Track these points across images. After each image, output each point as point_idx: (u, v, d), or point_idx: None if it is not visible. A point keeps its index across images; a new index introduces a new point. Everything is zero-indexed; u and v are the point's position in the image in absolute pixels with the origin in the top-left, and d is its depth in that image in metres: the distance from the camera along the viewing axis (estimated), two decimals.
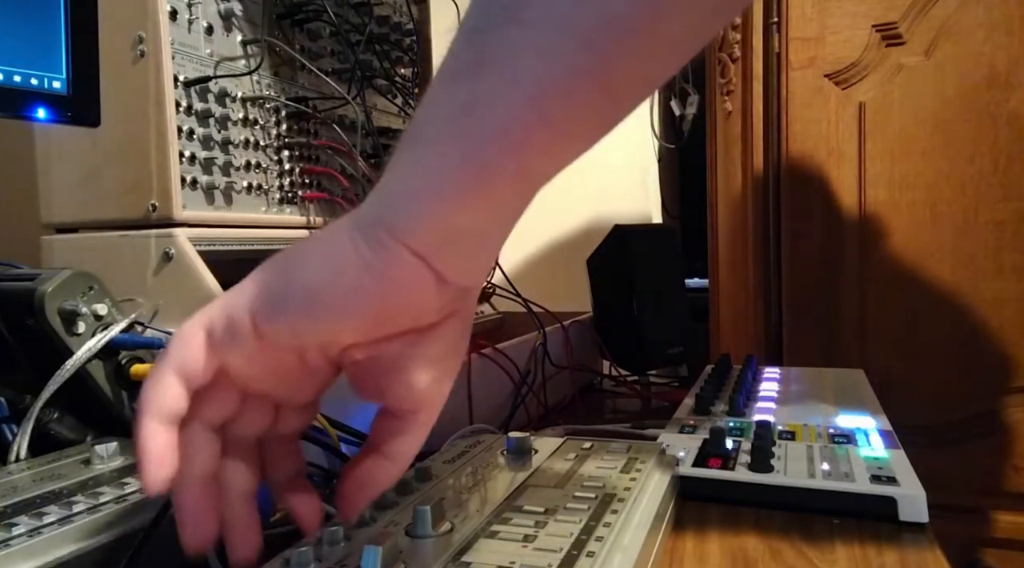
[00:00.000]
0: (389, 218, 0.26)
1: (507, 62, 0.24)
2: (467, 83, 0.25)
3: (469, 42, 0.25)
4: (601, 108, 0.25)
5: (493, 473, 0.43)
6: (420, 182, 0.26)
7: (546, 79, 0.24)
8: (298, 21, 0.79)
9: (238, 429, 0.31)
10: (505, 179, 0.26)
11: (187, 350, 0.28)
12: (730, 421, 0.57)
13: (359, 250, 0.26)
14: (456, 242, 0.26)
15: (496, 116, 0.25)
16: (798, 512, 0.44)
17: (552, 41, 0.23)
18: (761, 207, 1.04)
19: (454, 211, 0.26)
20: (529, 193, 0.27)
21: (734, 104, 1.06)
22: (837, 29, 0.98)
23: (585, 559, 0.30)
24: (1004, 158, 0.92)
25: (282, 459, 0.33)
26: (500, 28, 0.24)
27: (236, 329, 0.28)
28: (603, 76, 0.24)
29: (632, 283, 0.90)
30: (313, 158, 0.82)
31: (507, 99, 0.24)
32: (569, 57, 0.24)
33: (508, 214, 0.28)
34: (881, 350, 0.99)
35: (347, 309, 0.27)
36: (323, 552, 0.32)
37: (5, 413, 0.49)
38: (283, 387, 0.30)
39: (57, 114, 0.53)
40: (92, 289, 0.51)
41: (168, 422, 0.28)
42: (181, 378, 0.28)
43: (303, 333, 0.28)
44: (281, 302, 0.27)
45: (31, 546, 0.32)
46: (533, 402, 0.73)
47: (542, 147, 0.25)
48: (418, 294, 0.27)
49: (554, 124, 0.25)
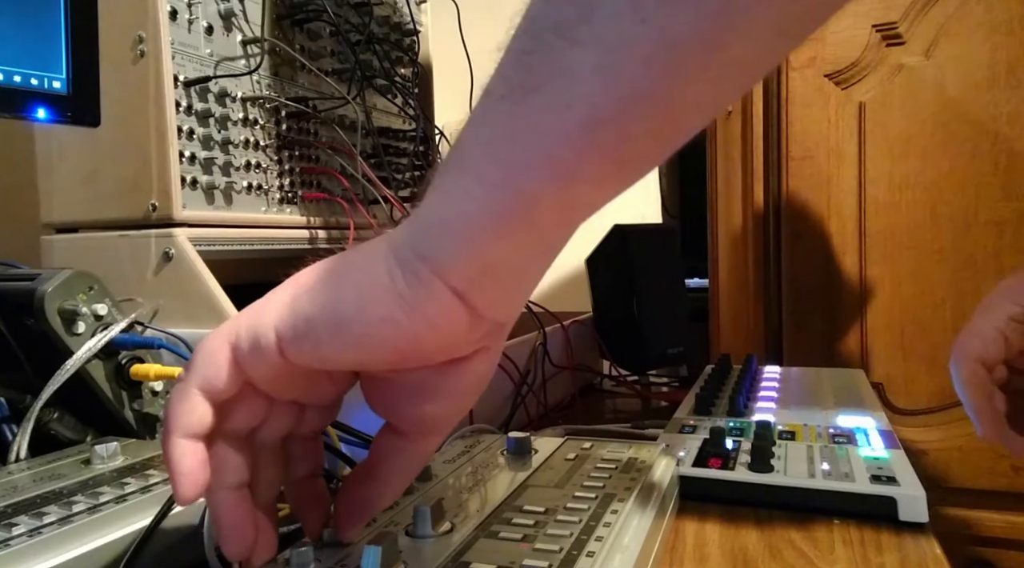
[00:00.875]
0: (427, 250, 0.25)
1: (560, 84, 0.22)
2: (516, 105, 0.23)
3: (519, 62, 0.24)
4: (659, 135, 0.23)
5: (493, 473, 0.43)
6: (461, 210, 0.25)
7: (602, 103, 0.22)
8: (298, 21, 0.79)
9: (265, 434, 0.30)
10: (550, 208, 0.24)
11: (212, 367, 0.27)
12: (730, 421, 0.57)
13: (395, 282, 0.25)
14: (495, 275, 0.25)
15: (545, 141, 0.23)
16: (798, 512, 0.44)
17: (611, 63, 0.22)
18: (761, 207, 1.04)
19: (494, 242, 0.25)
20: (573, 225, 0.26)
21: (734, 104, 1.06)
22: (837, 29, 0.98)
23: (585, 559, 0.30)
24: (1004, 158, 0.92)
25: (302, 458, 0.33)
26: (553, 48, 0.22)
27: (261, 348, 0.27)
28: (664, 101, 0.22)
29: (632, 283, 0.90)
30: (313, 158, 0.82)
31: (558, 123, 0.23)
32: (629, 80, 0.22)
33: (550, 246, 0.26)
34: (881, 350, 0.99)
35: (375, 342, 0.26)
36: (323, 552, 0.32)
37: (5, 413, 0.49)
38: (307, 393, 0.30)
39: (57, 114, 0.53)
40: (92, 289, 0.51)
41: (196, 438, 0.28)
42: (206, 394, 0.28)
43: (328, 361, 0.27)
44: (308, 327, 0.26)
45: (31, 546, 0.32)
46: (533, 402, 0.73)
47: (592, 176, 0.24)
48: (450, 331, 0.26)
49: (607, 152, 0.23)
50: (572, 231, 0.27)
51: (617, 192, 0.25)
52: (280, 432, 0.31)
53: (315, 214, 0.81)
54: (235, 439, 0.29)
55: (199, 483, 0.27)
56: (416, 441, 0.31)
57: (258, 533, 0.30)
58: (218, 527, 0.29)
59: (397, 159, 0.95)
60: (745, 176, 1.05)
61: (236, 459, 0.29)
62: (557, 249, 0.27)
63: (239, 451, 0.29)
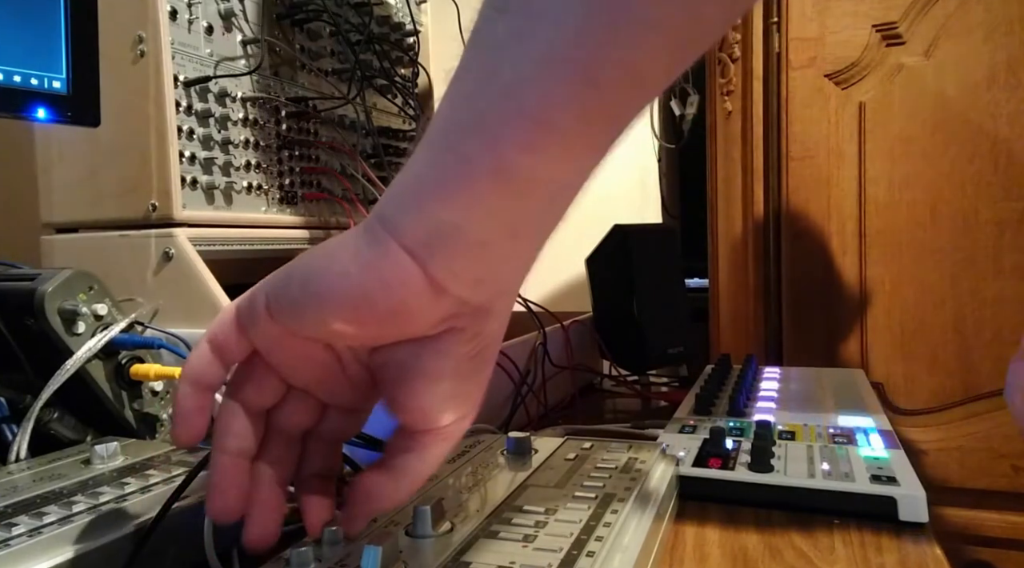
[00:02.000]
0: (385, 212, 0.27)
1: (490, 55, 0.24)
2: (459, 80, 0.26)
3: (469, 43, 0.26)
4: (583, 100, 0.24)
5: (493, 473, 0.43)
6: (413, 173, 0.27)
7: (522, 67, 0.23)
8: (298, 21, 0.79)
9: (281, 419, 0.32)
10: (485, 174, 0.25)
11: (219, 323, 0.31)
12: (730, 421, 0.57)
13: (357, 242, 0.27)
14: (447, 242, 0.26)
15: (475, 108, 0.25)
16: (798, 512, 0.44)
17: (528, 27, 0.23)
18: (761, 207, 1.04)
19: (440, 205, 0.25)
20: (527, 199, 0.26)
21: (734, 104, 1.06)
22: (837, 29, 0.98)
23: (585, 559, 0.30)
24: (1004, 158, 0.92)
25: (317, 459, 0.34)
26: (488, 23, 0.24)
27: (254, 307, 0.29)
28: (580, 62, 0.23)
29: (632, 283, 0.90)
30: (313, 158, 0.82)
31: (485, 90, 0.24)
32: (544, 43, 0.23)
33: (506, 220, 0.26)
34: (881, 350, 0.99)
35: (332, 293, 0.27)
36: (323, 552, 0.32)
37: (5, 413, 0.49)
38: (323, 385, 0.32)
39: (57, 114, 0.53)
40: (92, 289, 0.51)
41: (199, 386, 0.30)
42: (213, 348, 0.31)
43: (299, 314, 0.28)
44: (286, 284, 0.29)
45: (31, 546, 0.32)
46: (533, 402, 0.73)
47: (522, 142, 0.24)
48: (402, 292, 0.26)
49: (531, 115, 0.24)
50: (531, 212, 0.27)
51: (559, 164, 0.25)
52: (298, 424, 0.33)
53: (315, 214, 0.81)
54: (245, 410, 0.31)
55: (194, 426, 0.30)
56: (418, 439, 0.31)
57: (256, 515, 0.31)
58: (208, 486, 0.31)
59: (397, 159, 0.95)
60: (745, 176, 1.05)
61: (240, 427, 0.31)
62: (526, 234, 0.28)
63: (246, 421, 0.31)
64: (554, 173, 0.26)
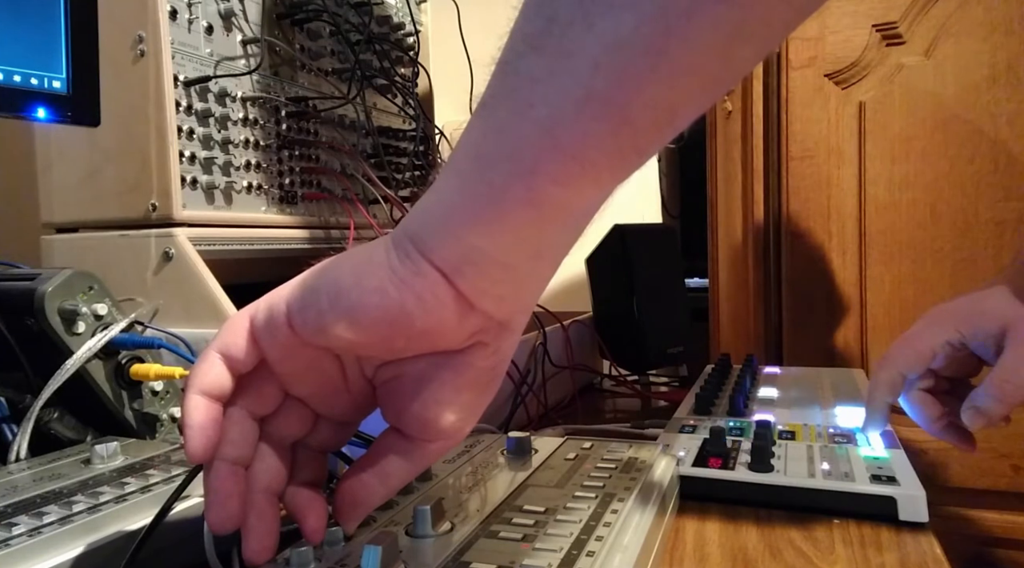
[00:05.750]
0: (416, 233, 0.28)
1: (525, 89, 0.24)
2: (490, 109, 0.26)
3: (499, 71, 0.26)
4: (619, 136, 0.24)
5: (493, 473, 0.43)
6: (443, 201, 0.27)
7: (558, 104, 0.24)
8: (298, 21, 0.79)
9: (275, 428, 0.32)
10: (517, 202, 0.26)
11: (231, 334, 0.30)
12: (730, 421, 0.57)
13: (389, 258, 0.28)
14: (477, 264, 0.27)
15: (509, 141, 0.25)
16: (798, 512, 0.44)
17: (564, 66, 0.23)
18: (761, 207, 1.04)
19: (470, 231, 0.27)
20: (550, 227, 0.27)
21: (734, 104, 1.06)
22: (837, 29, 0.98)
23: (585, 559, 0.30)
24: (1004, 158, 0.92)
25: (306, 468, 0.34)
26: (522, 57, 0.25)
27: (273, 318, 0.29)
28: (617, 102, 0.23)
29: (632, 283, 0.90)
30: (313, 158, 0.82)
31: (520, 124, 0.25)
32: (581, 83, 0.23)
33: (532, 245, 0.28)
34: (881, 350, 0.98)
35: (367, 309, 0.28)
36: (323, 552, 0.32)
37: (5, 413, 0.49)
38: (322, 396, 0.32)
39: (57, 114, 0.53)
40: (92, 289, 0.51)
41: (210, 397, 0.30)
42: (224, 359, 0.30)
43: (327, 327, 0.28)
44: (312, 297, 0.29)
45: (31, 546, 0.32)
46: (533, 402, 0.73)
47: (555, 175, 0.25)
48: (438, 309, 0.28)
49: (567, 151, 0.24)
50: (555, 236, 0.29)
51: (595, 194, 0.27)
52: (290, 434, 0.33)
53: (315, 214, 0.81)
54: (243, 418, 0.31)
55: (209, 438, 0.29)
56: (420, 445, 0.31)
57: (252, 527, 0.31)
58: (206, 495, 0.30)
59: (397, 159, 0.95)
60: (745, 176, 1.05)
61: (241, 435, 0.31)
62: (548, 255, 0.29)
63: (244, 429, 0.31)
64: (582, 202, 0.27)
